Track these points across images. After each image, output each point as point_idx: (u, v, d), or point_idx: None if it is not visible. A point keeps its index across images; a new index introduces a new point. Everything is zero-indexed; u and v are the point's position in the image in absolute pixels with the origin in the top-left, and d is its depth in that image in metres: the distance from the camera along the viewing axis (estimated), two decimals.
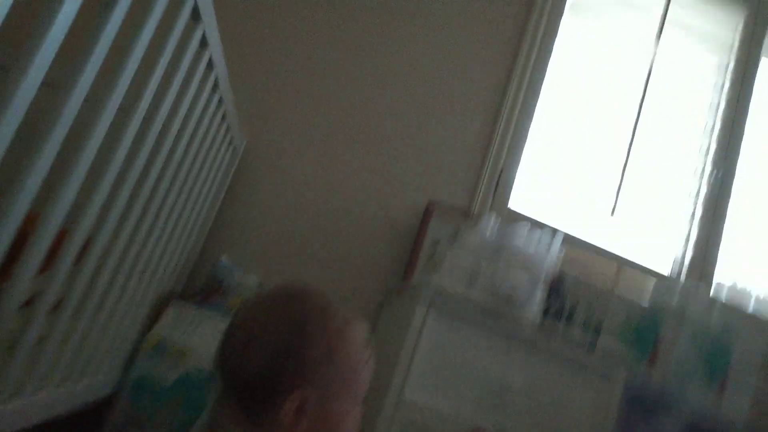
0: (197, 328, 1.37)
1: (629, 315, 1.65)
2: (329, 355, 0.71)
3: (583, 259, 1.99)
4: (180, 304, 1.42)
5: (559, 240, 1.50)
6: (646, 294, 1.93)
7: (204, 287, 1.53)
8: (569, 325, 1.72)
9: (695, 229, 2.10)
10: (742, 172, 2.15)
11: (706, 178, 2.13)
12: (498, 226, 1.54)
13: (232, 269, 1.58)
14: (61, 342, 0.90)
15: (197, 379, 1.34)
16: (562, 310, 1.72)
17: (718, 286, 2.02)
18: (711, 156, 2.15)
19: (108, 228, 0.91)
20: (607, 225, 2.06)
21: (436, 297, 1.36)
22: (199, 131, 1.21)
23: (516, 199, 2.03)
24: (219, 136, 1.43)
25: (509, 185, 2.03)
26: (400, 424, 1.30)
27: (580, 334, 1.66)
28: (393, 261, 1.90)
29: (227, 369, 0.72)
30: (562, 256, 1.58)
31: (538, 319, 1.43)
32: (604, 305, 1.79)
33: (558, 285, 1.71)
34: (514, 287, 1.39)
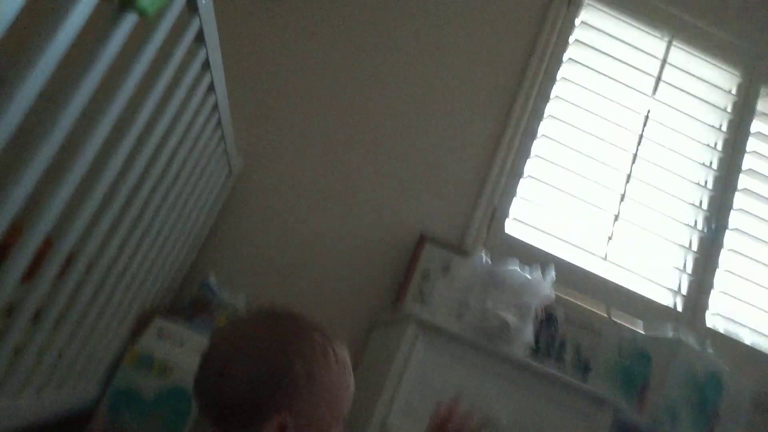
0: (182, 345, 1.36)
1: (619, 354, 1.64)
2: (309, 378, 0.71)
3: (575, 297, 2.00)
4: (166, 320, 1.41)
5: (550, 277, 1.50)
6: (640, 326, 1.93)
7: (191, 304, 1.53)
8: (558, 362, 1.72)
9: (687, 277, 2.10)
10: (736, 222, 2.17)
11: (700, 228, 2.15)
12: (489, 261, 1.54)
13: (220, 288, 1.58)
14: (40, 351, 0.89)
15: (180, 396, 1.33)
16: (552, 346, 1.72)
17: (708, 331, 2.02)
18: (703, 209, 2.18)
19: (95, 240, 0.91)
20: (601, 266, 2.06)
21: (424, 328, 1.36)
22: (195, 151, 1.22)
23: (510, 231, 2.04)
24: (215, 157, 1.45)
25: (503, 221, 2.03)
26: None
27: (568, 371, 1.66)
28: (383, 289, 1.90)
29: (205, 393, 0.72)
30: (554, 294, 1.58)
31: (526, 356, 1.43)
32: (594, 343, 1.79)
33: (548, 321, 1.70)
34: (503, 323, 1.38)
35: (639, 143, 2.17)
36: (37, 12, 0.65)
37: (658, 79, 2.25)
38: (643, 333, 1.80)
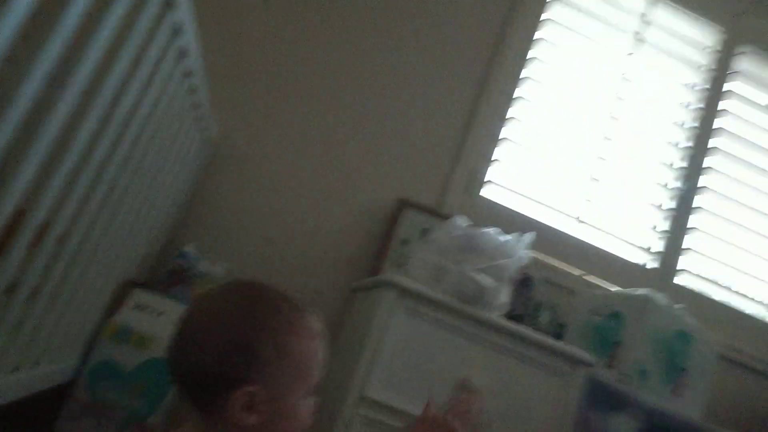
0: (160, 316, 1.36)
1: (592, 314, 1.68)
2: (279, 349, 0.71)
3: (551, 259, 2.03)
4: (143, 291, 1.41)
5: (526, 242, 1.52)
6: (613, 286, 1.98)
7: (168, 275, 1.52)
8: (534, 323, 1.75)
9: (660, 236, 2.14)
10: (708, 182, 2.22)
11: (673, 188, 2.19)
12: (466, 226, 1.55)
13: (197, 258, 1.57)
14: (15, 326, 0.88)
15: (159, 367, 1.33)
16: (528, 308, 1.75)
17: (679, 288, 2.08)
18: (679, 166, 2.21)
19: (67, 211, 0.90)
20: (576, 228, 2.09)
21: (402, 293, 1.37)
22: (168, 119, 1.20)
23: (488, 194, 2.05)
24: (189, 125, 1.42)
25: (481, 184, 2.04)
26: (362, 420, 1.31)
27: (544, 332, 1.69)
28: (362, 257, 1.91)
29: (176, 365, 0.72)
30: (530, 257, 1.60)
31: (502, 318, 1.45)
32: (569, 304, 1.83)
33: (524, 284, 1.73)
34: (480, 286, 1.40)
35: (616, 103, 2.18)
36: None
37: (636, 37, 2.25)
38: (615, 292, 1.84)
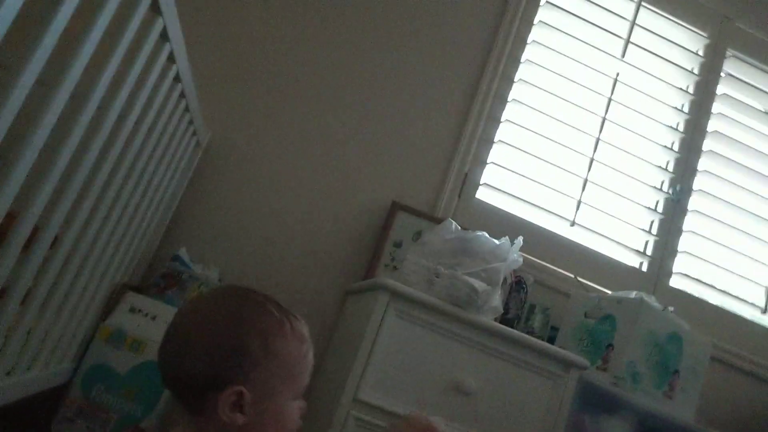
0: (153, 319, 1.37)
1: (585, 316, 1.69)
2: (267, 351, 0.72)
3: (544, 261, 2.04)
4: (136, 295, 1.41)
5: (518, 245, 1.53)
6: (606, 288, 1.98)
7: (162, 278, 1.53)
8: (527, 325, 1.76)
9: (652, 238, 2.15)
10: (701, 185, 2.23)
11: (666, 191, 2.20)
12: (459, 228, 1.56)
13: (190, 262, 1.57)
14: (9, 330, 0.89)
15: (153, 370, 1.33)
16: (521, 311, 1.76)
17: (672, 291, 2.08)
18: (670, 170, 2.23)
19: (59, 215, 0.90)
20: (569, 230, 2.10)
21: (395, 296, 1.38)
22: (159, 123, 1.21)
23: (482, 197, 2.06)
24: (180, 128, 1.43)
25: (474, 187, 2.05)
26: (355, 422, 1.31)
27: (537, 334, 1.70)
28: (355, 260, 1.92)
29: (166, 366, 0.73)
30: (522, 259, 1.61)
31: (495, 320, 1.46)
32: (562, 307, 1.84)
33: (517, 286, 1.74)
34: (472, 289, 1.41)
35: (608, 107, 2.20)
36: None
37: (627, 41, 2.26)
38: (608, 295, 1.84)
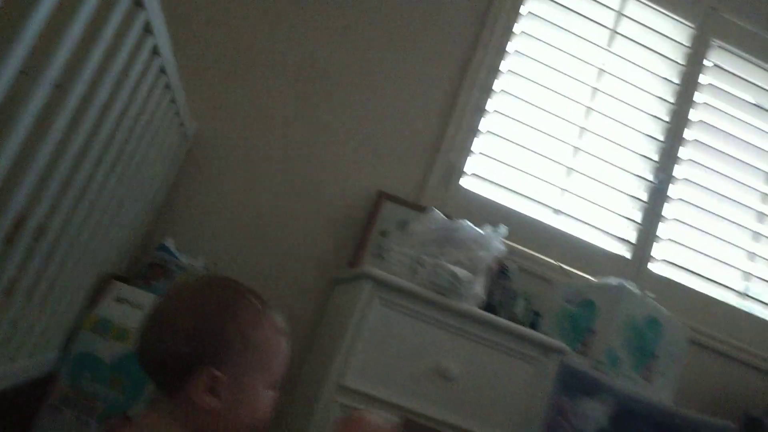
0: (141, 308, 1.38)
1: (567, 303, 1.72)
2: (246, 338, 0.74)
3: (528, 249, 2.06)
4: (123, 285, 1.42)
5: (502, 233, 1.55)
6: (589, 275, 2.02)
7: (149, 268, 1.54)
8: (510, 312, 1.79)
9: (635, 226, 2.19)
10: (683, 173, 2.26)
11: (650, 179, 2.23)
12: (444, 217, 1.58)
13: (176, 252, 1.58)
14: None
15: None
16: (505, 298, 1.78)
17: (653, 276, 2.12)
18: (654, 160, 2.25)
19: (44, 205, 0.91)
20: (553, 218, 2.13)
21: (379, 285, 1.40)
22: (144, 115, 1.22)
23: (467, 186, 2.08)
24: (166, 120, 1.44)
25: (460, 176, 2.07)
26: (340, 408, 1.34)
27: (520, 321, 1.73)
28: (343, 247, 1.94)
29: (144, 346, 0.74)
30: (506, 249, 1.63)
31: (476, 309, 1.48)
32: (545, 294, 1.87)
33: (501, 274, 1.76)
34: (454, 277, 1.43)
35: (593, 96, 2.22)
36: None
37: (614, 31, 2.28)
38: (589, 281, 1.88)
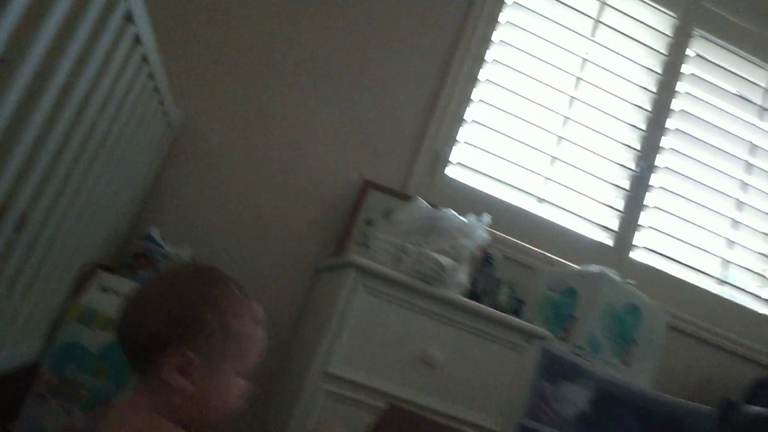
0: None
1: (549, 290, 1.74)
2: (223, 325, 0.75)
3: (512, 237, 2.08)
4: (108, 274, 1.42)
5: (485, 222, 1.57)
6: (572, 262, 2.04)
7: (134, 257, 1.54)
8: (494, 300, 1.81)
9: (617, 214, 2.21)
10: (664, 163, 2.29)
11: (632, 168, 2.25)
12: (429, 206, 1.59)
13: (162, 241, 1.59)
14: None
15: None
16: (489, 285, 1.80)
17: (634, 264, 2.15)
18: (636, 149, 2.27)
19: (25, 194, 0.91)
20: (537, 206, 2.15)
21: (364, 274, 1.41)
22: (127, 104, 1.21)
23: (452, 175, 2.09)
24: (150, 109, 1.43)
25: (445, 165, 2.08)
26: (325, 395, 1.35)
27: (503, 308, 1.75)
28: (328, 236, 1.95)
29: (122, 326, 0.75)
30: (490, 237, 1.65)
31: (460, 297, 1.50)
32: (528, 281, 1.89)
33: (485, 262, 1.78)
34: (438, 265, 1.44)
35: (576, 85, 2.24)
36: None
37: (597, 20, 2.29)
38: (571, 269, 1.90)
